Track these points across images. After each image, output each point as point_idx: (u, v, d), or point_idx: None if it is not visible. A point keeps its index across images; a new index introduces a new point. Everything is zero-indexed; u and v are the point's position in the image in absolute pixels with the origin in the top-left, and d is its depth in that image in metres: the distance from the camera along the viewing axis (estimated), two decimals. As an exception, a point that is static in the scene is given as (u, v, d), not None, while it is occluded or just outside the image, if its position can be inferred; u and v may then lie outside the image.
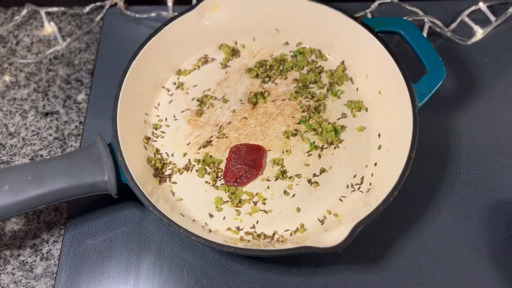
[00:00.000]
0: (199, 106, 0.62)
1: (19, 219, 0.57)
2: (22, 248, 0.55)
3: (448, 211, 0.56)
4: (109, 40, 0.70)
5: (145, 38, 0.60)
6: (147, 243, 0.55)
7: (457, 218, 0.56)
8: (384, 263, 0.53)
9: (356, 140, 0.59)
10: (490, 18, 0.70)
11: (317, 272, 0.53)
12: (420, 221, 0.55)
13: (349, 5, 0.71)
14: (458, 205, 0.56)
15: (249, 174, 0.57)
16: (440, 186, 0.57)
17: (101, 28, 0.72)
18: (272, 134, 0.60)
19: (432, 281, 0.52)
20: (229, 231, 0.54)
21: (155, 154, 0.59)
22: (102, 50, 0.69)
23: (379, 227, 0.55)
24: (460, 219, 0.56)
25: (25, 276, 0.53)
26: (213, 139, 0.60)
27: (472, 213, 0.56)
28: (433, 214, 0.56)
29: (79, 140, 0.62)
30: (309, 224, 0.54)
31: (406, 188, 0.50)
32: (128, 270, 0.53)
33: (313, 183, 0.57)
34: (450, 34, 0.68)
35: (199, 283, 0.52)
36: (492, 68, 0.66)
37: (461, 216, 0.56)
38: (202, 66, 0.65)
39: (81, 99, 0.65)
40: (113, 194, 0.52)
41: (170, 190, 0.57)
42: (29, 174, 0.49)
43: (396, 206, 0.55)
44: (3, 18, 0.73)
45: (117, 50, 0.69)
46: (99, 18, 0.72)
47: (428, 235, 0.55)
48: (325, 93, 0.63)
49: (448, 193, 0.57)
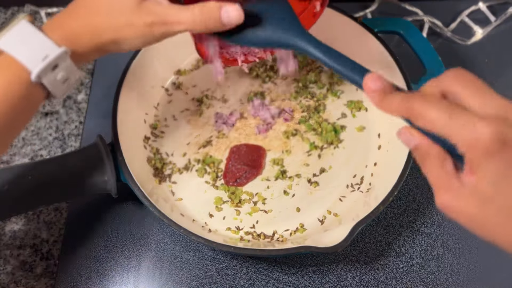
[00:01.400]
0: (199, 106, 0.62)
1: (19, 219, 0.57)
2: (22, 248, 0.55)
3: (448, 211, 0.56)
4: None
5: (145, 38, 0.59)
6: (147, 243, 0.55)
7: (457, 218, 0.56)
8: (384, 263, 0.53)
9: (356, 140, 0.59)
10: (490, 18, 0.70)
11: (317, 272, 0.53)
12: (420, 221, 0.55)
13: (349, 5, 0.71)
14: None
15: (249, 174, 0.57)
16: (440, 186, 0.57)
17: (101, 28, 0.72)
18: (272, 134, 0.60)
19: (432, 281, 0.52)
20: (229, 231, 0.54)
21: (155, 154, 0.59)
22: (102, 50, 0.69)
23: (379, 227, 0.54)
24: (460, 219, 0.55)
25: (25, 276, 0.53)
26: (213, 139, 0.60)
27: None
28: (433, 214, 0.56)
29: (79, 140, 0.62)
30: (309, 224, 0.54)
31: (406, 188, 0.50)
32: (128, 270, 0.53)
33: (313, 183, 0.57)
34: (450, 34, 0.68)
35: (199, 283, 0.52)
36: (492, 68, 0.66)
37: (461, 216, 0.56)
38: (201, 66, 0.65)
39: (81, 99, 0.65)
40: (113, 194, 0.52)
41: (170, 190, 0.57)
42: (29, 174, 0.49)
43: (396, 206, 0.55)
44: (3, 18, 0.73)
45: (117, 50, 0.68)
46: (99, 18, 0.72)
47: (428, 235, 0.55)
48: (325, 93, 0.63)
49: (448, 193, 0.57)
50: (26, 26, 0.37)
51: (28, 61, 0.36)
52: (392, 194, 0.49)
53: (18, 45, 0.37)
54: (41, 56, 0.37)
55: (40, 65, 0.37)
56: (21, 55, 0.36)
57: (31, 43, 0.37)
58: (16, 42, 0.37)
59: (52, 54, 0.37)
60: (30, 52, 0.37)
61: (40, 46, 0.37)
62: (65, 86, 0.39)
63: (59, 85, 0.39)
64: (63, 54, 0.38)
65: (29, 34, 0.37)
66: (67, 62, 0.38)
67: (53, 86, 0.38)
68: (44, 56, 0.37)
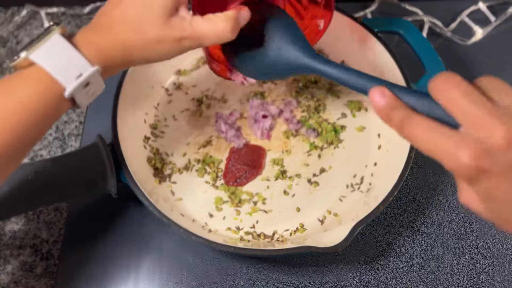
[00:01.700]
0: (199, 106, 0.62)
1: (19, 219, 0.57)
2: (22, 248, 0.55)
3: (448, 211, 0.56)
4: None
5: (145, 38, 0.59)
6: (147, 243, 0.55)
7: (456, 218, 0.56)
8: (384, 263, 0.53)
9: (356, 140, 0.59)
10: (490, 18, 0.70)
11: (317, 272, 0.53)
12: (420, 221, 0.55)
13: (349, 5, 0.71)
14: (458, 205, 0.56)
15: (249, 174, 0.57)
16: (440, 186, 0.57)
17: (101, 28, 0.72)
18: (272, 134, 0.60)
19: (432, 281, 0.52)
20: (229, 231, 0.54)
21: (155, 154, 0.59)
22: (102, 50, 0.69)
23: (379, 227, 0.54)
24: (460, 219, 0.55)
25: (25, 276, 0.53)
26: (213, 139, 0.60)
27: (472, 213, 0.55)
28: (433, 214, 0.56)
29: (79, 140, 0.62)
30: (309, 224, 0.54)
31: (406, 188, 0.50)
32: (128, 270, 0.53)
33: (313, 183, 0.57)
34: (450, 34, 0.68)
35: (199, 283, 0.52)
36: (492, 68, 0.66)
37: (461, 216, 0.56)
38: (201, 66, 0.65)
39: (81, 99, 0.65)
40: (113, 194, 0.52)
41: (170, 190, 0.57)
42: (28, 174, 0.49)
43: (396, 206, 0.55)
44: (3, 18, 0.73)
45: (117, 50, 0.68)
46: (99, 18, 0.72)
47: (427, 235, 0.55)
48: (325, 93, 0.63)
49: (448, 193, 0.57)
50: (59, 40, 0.38)
51: (62, 78, 0.37)
52: (392, 194, 0.49)
53: (53, 60, 0.37)
54: (75, 74, 0.37)
55: (74, 83, 0.37)
56: (55, 71, 0.37)
57: (65, 59, 0.37)
58: (51, 56, 0.37)
59: (85, 73, 0.38)
60: (65, 69, 0.37)
61: (74, 64, 0.38)
62: (90, 98, 0.41)
63: (87, 98, 0.40)
64: (95, 73, 0.38)
65: (63, 49, 0.38)
66: (98, 79, 0.39)
67: (82, 99, 0.39)
68: (78, 74, 0.38)
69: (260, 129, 0.59)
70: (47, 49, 0.38)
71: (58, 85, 0.37)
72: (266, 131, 0.59)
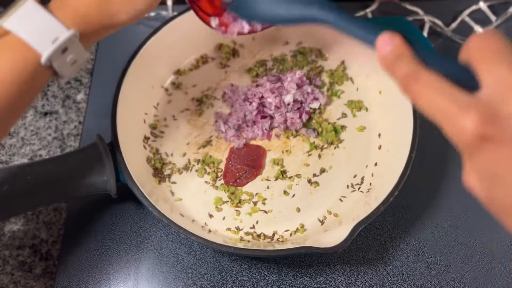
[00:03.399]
0: (199, 106, 0.62)
1: (18, 219, 0.57)
2: (21, 248, 0.55)
3: (448, 211, 0.56)
4: (108, 39, 0.69)
5: (144, 37, 0.59)
6: (146, 243, 0.55)
7: (456, 218, 0.55)
8: (384, 263, 0.53)
9: (356, 140, 0.59)
10: (491, 17, 0.70)
11: (317, 273, 0.53)
12: (420, 221, 0.55)
13: (349, 5, 0.71)
14: (458, 205, 0.56)
15: (249, 174, 0.57)
16: (440, 186, 0.57)
17: (100, 28, 0.71)
18: (272, 134, 0.60)
19: (432, 281, 0.52)
20: (229, 231, 0.54)
21: (155, 154, 0.59)
22: (101, 50, 0.69)
23: (379, 228, 0.54)
24: (460, 219, 0.55)
25: (24, 276, 0.53)
26: (213, 139, 0.60)
27: (472, 213, 0.56)
28: (433, 214, 0.56)
29: (78, 140, 0.62)
30: (309, 224, 0.54)
31: (406, 188, 0.50)
32: (127, 270, 0.53)
33: (313, 183, 0.56)
34: (450, 34, 0.68)
35: (199, 284, 0.52)
36: (493, 68, 0.66)
37: (461, 216, 0.55)
38: (201, 66, 0.65)
39: (80, 98, 0.65)
40: (113, 194, 0.52)
41: (169, 190, 0.57)
42: (28, 174, 0.49)
43: (396, 206, 0.55)
44: (2, 18, 0.73)
45: (116, 49, 0.68)
46: (99, 17, 0.72)
47: (427, 235, 0.54)
48: (325, 93, 0.63)
49: (448, 193, 0.57)
50: (33, 6, 0.36)
51: (37, 43, 0.36)
52: (393, 194, 0.49)
53: (26, 26, 0.36)
54: (50, 38, 0.36)
55: (50, 48, 0.36)
56: (29, 36, 0.36)
57: (39, 24, 0.36)
58: (24, 22, 0.36)
59: (61, 37, 0.36)
60: (39, 34, 0.36)
61: (49, 28, 0.36)
62: (73, 68, 0.39)
63: (68, 67, 0.38)
64: (72, 37, 0.37)
65: (36, 14, 0.36)
66: (76, 44, 0.38)
67: (62, 68, 0.38)
68: (53, 39, 0.36)
69: (261, 130, 0.59)
70: (20, 15, 0.36)
71: (33, 51, 0.36)
72: (267, 131, 0.59)
